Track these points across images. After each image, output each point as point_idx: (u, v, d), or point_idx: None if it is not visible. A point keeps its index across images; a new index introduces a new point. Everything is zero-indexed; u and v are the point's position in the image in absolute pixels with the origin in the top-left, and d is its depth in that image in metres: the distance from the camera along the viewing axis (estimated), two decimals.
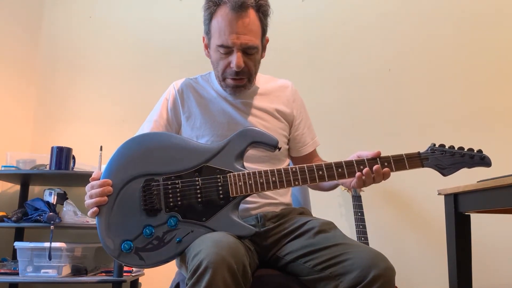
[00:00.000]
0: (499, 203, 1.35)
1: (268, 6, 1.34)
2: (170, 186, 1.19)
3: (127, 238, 1.15)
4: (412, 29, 2.55)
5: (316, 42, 2.57)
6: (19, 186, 2.33)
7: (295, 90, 1.52)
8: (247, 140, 1.24)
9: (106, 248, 1.16)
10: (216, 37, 1.31)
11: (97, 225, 1.18)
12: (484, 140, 2.37)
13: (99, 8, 2.68)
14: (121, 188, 1.19)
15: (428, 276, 2.29)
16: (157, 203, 1.17)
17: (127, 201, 1.18)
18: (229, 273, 1.02)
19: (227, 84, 1.37)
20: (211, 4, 1.31)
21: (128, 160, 1.21)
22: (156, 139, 1.25)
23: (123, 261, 1.16)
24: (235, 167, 1.21)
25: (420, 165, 1.24)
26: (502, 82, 2.46)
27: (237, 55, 1.29)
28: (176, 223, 1.17)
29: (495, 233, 2.28)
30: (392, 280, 1.12)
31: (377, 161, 1.22)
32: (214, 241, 1.06)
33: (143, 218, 1.17)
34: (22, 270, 1.99)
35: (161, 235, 1.16)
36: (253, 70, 1.36)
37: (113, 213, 1.17)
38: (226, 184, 1.19)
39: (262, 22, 1.33)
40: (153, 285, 2.37)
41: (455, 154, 1.24)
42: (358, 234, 2.08)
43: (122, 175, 1.20)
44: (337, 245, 1.20)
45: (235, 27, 1.28)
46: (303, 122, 1.51)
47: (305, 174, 1.21)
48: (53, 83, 2.60)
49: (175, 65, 2.59)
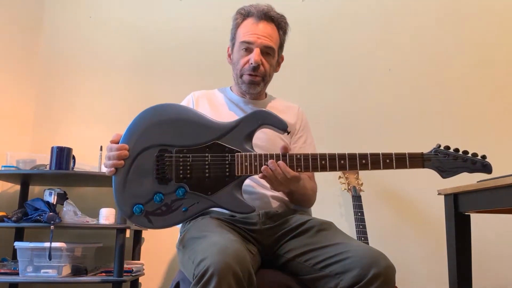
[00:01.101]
0: (499, 203, 1.35)
1: (287, 27, 1.56)
2: (182, 159, 1.27)
3: (139, 202, 1.25)
4: (412, 29, 2.55)
5: (316, 42, 2.57)
6: (19, 186, 2.33)
7: (301, 111, 1.66)
8: (258, 121, 1.31)
9: (120, 209, 1.27)
10: (241, 36, 1.50)
11: (113, 187, 1.27)
12: (484, 140, 2.37)
13: (99, 8, 2.68)
14: (137, 154, 1.28)
15: (428, 276, 2.29)
16: (168, 173, 1.26)
17: (141, 168, 1.27)
18: (235, 281, 1.03)
19: (244, 80, 1.51)
20: (239, 16, 1.53)
21: (146, 129, 1.30)
22: (174, 112, 1.33)
23: (133, 222, 1.26)
24: (243, 147, 1.29)
25: (421, 165, 1.26)
26: (502, 82, 2.46)
27: (256, 51, 1.46)
28: (183, 194, 1.26)
29: (495, 233, 2.28)
30: (392, 279, 1.12)
31: (377, 157, 1.25)
32: (221, 248, 1.07)
33: (155, 185, 1.26)
34: (22, 270, 1.99)
35: (169, 202, 1.25)
36: (268, 72, 1.51)
37: (128, 177, 1.27)
38: (233, 163, 1.27)
39: (281, 37, 1.54)
40: (153, 285, 2.37)
41: (458, 159, 1.25)
42: (358, 234, 2.08)
43: (139, 143, 1.29)
44: (338, 244, 1.21)
45: (257, 29, 1.48)
46: (303, 138, 1.59)
47: (308, 162, 1.27)
48: (53, 83, 2.60)
49: (175, 65, 2.59)
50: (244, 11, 1.52)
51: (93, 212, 2.19)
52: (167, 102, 2.73)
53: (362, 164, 1.25)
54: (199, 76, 2.55)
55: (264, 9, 1.49)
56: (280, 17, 1.54)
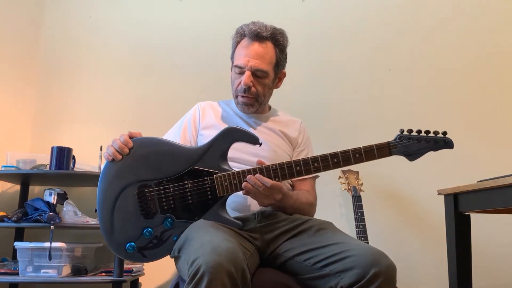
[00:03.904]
0: (499, 203, 1.35)
1: (285, 42, 1.55)
2: (163, 191, 1.31)
3: (130, 240, 1.30)
4: (412, 29, 2.55)
5: (316, 42, 2.57)
6: (19, 186, 2.33)
7: (303, 127, 1.68)
8: (229, 139, 1.35)
9: (113, 250, 1.32)
10: (235, 59, 1.54)
11: (102, 230, 1.32)
12: (484, 140, 2.37)
13: (99, 8, 2.67)
14: (117, 195, 1.31)
15: (428, 276, 2.29)
16: (152, 207, 1.31)
17: (125, 207, 1.30)
18: (228, 279, 1.04)
19: (238, 101, 1.55)
20: (238, 35, 1.54)
21: (121, 168, 1.32)
22: (146, 146, 1.35)
23: (129, 259, 1.32)
24: (220, 168, 1.33)
25: (388, 154, 1.32)
26: (503, 81, 2.46)
27: (246, 74, 1.48)
28: (171, 224, 1.30)
29: (495, 233, 2.28)
30: (393, 278, 1.12)
31: (347, 154, 1.31)
32: (213, 246, 1.08)
33: (142, 221, 1.30)
34: (22, 270, 1.99)
35: (159, 234, 1.30)
36: (262, 92, 1.53)
37: (114, 219, 1.30)
38: (213, 185, 1.31)
39: (277, 55, 1.53)
40: (153, 285, 2.37)
41: (421, 140, 1.31)
42: (358, 234, 2.08)
43: (116, 183, 1.32)
44: (338, 243, 1.21)
45: (249, 52, 1.49)
46: (305, 151, 1.62)
47: (284, 171, 1.31)
48: (53, 83, 2.60)
49: (175, 65, 2.59)
50: (242, 31, 1.53)
51: (93, 212, 2.19)
52: (167, 102, 2.74)
53: (334, 163, 1.31)
54: (199, 76, 2.55)
55: (255, 30, 1.48)
56: (277, 34, 1.52)
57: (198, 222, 1.30)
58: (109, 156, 1.34)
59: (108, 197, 1.31)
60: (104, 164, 1.35)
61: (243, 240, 1.31)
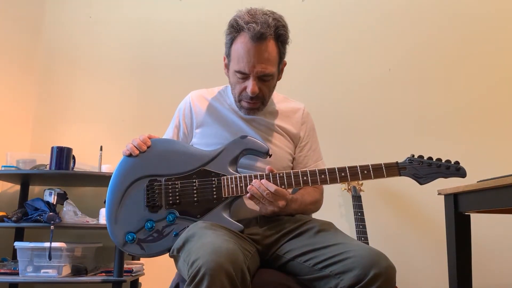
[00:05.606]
0: (499, 203, 1.35)
1: (287, 34, 1.41)
2: (171, 186, 1.34)
3: (130, 230, 1.31)
4: (412, 29, 2.55)
5: (316, 42, 2.57)
6: (19, 186, 2.33)
7: (306, 113, 1.58)
8: (240, 147, 1.37)
9: (113, 238, 1.32)
10: (235, 62, 1.39)
11: (106, 218, 1.34)
12: (484, 140, 2.37)
13: (99, 8, 2.67)
14: (128, 186, 1.35)
15: (428, 276, 2.29)
16: (158, 201, 1.33)
17: (132, 198, 1.34)
18: (228, 280, 1.03)
19: (242, 105, 1.45)
20: (233, 30, 1.38)
21: (135, 163, 1.38)
22: (161, 145, 1.41)
23: (126, 250, 1.32)
24: (228, 171, 1.35)
25: (397, 174, 1.34)
26: (502, 82, 2.46)
27: (252, 82, 1.37)
28: (174, 219, 1.32)
29: (495, 233, 2.28)
30: (392, 279, 1.12)
31: (355, 169, 1.33)
32: (213, 247, 1.08)
33: (146, 213, 1.32)
34: (22, 270, 1.99)
35: (160, 228, 1.31)
36: (267, 94, 1.44)
37: (120, 208, 1.33)
38: (220, 186, 1.33)
39: (280, 50, 1.40)
40: (153, 285, 2.37)
41: (432, 165, 1.31)
42: (358, 234, 2.08)
43: (129, 176, 1.36)
44: (338, 244, 1.21)
45: (253, 56, 1.35)
46: (309, 144, 1.56)
47: (290, 179, 1.33)
48: (53, 83, 2.60)
49: (175, 64, 2.59)
50: (236, 24, 1.36)
51: (93, 212, 2.19)
52: (167, 102, 2.74)
53: (341, 176, 1.32)
54: (199, 76, 2.55)
55: (259, 31, 1.31)
56: (278, 27, 1.36)
57: (198, 223, 1.29)
58: (127, 151, 1.39)
59: (118, 188, 1.35)
60: (121, 159, 1.40)
61: (244, 241, 1.31)
